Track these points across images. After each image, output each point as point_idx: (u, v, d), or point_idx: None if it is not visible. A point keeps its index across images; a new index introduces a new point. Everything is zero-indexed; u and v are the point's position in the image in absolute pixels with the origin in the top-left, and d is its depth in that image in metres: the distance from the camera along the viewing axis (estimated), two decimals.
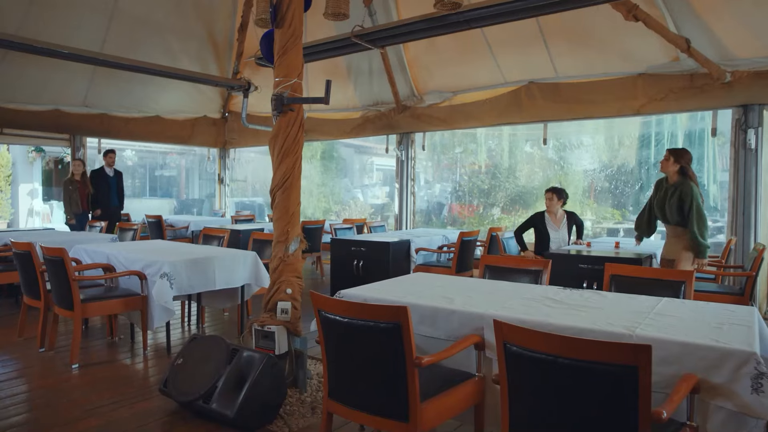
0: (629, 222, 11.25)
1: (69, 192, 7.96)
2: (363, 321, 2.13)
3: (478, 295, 2.81)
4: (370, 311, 2.11)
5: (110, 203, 8.26)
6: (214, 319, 5.43)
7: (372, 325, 2.12)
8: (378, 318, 2.10)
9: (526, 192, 10.88)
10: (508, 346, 1.82)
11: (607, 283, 3.29)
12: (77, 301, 3.92)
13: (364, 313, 2.12)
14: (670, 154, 4.51)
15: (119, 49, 7.27)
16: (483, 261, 3.69)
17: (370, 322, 2.12)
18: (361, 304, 2.16)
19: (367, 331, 2.14)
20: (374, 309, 2.10)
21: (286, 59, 3.48)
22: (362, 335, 2.17)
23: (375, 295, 2.82)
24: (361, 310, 2.13)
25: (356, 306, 2.15)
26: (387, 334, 2.09)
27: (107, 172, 8.34)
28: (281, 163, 3.50)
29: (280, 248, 3.53)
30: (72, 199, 7.87)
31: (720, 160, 10.41)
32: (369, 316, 2.11)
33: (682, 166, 4.46)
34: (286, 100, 3.44)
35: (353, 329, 2.18)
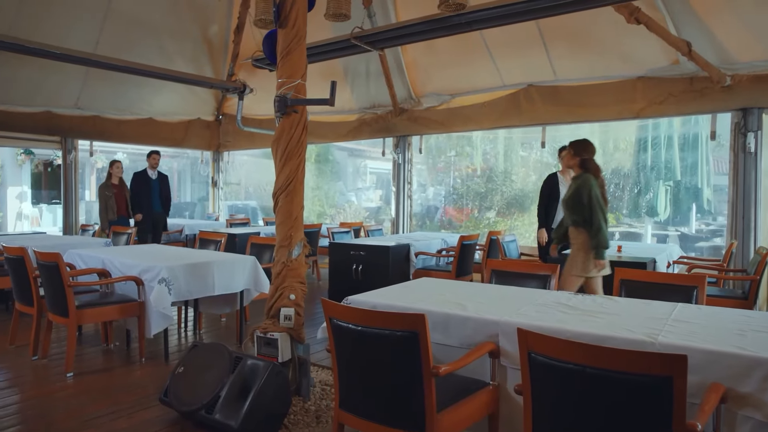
0: (624, 225, 11.29)
1: (105, 198, 7.33)
2: (378, 329, 2.06)
3: (489, 301, 2.75)
4: (386, 319, 2.04)
5: (152, 208, 7.67)
6: (211, 325, 5.32)
7: (388, 333, 2.04)
8: (394, 326, 2.02)
9: (523, 195, 10.86)
10: (533, 356, 1.76)
11: (617, 288, 3.24)
12: (72, 307, 3.81)
13: (380, 321, 2.05)
14: (570, 147, 4.16)
15: (113, 50, 7.14)
16: (489, 265, 3.63)
17: (386, 330, 2.04)
18: (377, 312, 2.08)
19: (383, 339, 2.06)
20: (390, 317, 2.03)
21: (289, 60, 3.41)
22: (377, 344, 2.10)
23: (383, 302, 2.75)
24: (376, 318, 2.06)
25: (371, 314, 2.08)
26: (403, 342, 2.02)
27: (150, 174, 7.79)
28: (284, 166, 3.42)
29: (283, 253, 3.44)
30: (108, 206, 7.27)
31: (714, 163, 10.47)
32: (385, 325, 2.04)
33: (583, 158, 4.08)
34: (290, 102, 3.36)
35: (367, 337, 2.10)
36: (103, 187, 7.45)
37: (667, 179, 9.39)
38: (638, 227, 10.96)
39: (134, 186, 7.69)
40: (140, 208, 7.54)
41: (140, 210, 7.54)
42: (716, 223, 11.06)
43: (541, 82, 6.74)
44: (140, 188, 7.66)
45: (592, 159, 4.11)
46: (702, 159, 9.90)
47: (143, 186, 7.67)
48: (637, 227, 10.96)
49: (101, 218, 7.27)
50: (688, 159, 9.80)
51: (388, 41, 5.73)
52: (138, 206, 7.57)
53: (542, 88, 6.75)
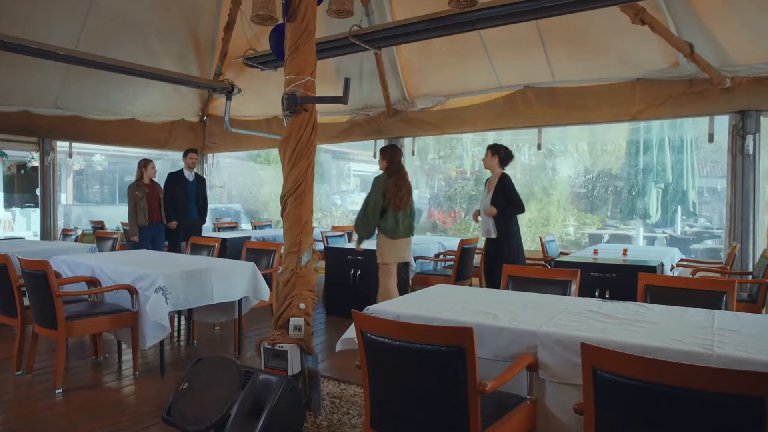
0: (611, 228, 11.33)
1: (136, 200, 6.46)
2: (419, 344, 1.90)
3: (519, 310, 2.61)
4: (429, 333, 1.88)
5: (188, 215, 6.79)
6: (204, 335, 5.08)
7: (430, 348, 1.89)
8: (438, 341, 1.87)
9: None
10: (599, 373, 1.62)
11: (642, 294, 3.14)
12: (61, 319, 3.56)
13: (422, 335, 1.89)
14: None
15: (95, 47, 6.82)
16: (506, 271, 3.50)
17: (428, 345, 1.89)
18: (418, 326, 1.92)
19: (424, 354, 1.91)
20: (434, 330, 1.88)
21: (298, 55, 3.24)
22: (416, 359, 1.94)
23: (407, 312, 2.59)
24: (417, 331, 1.90)
25: (411, 327, 1.92)
26: (448, 358, 1.87)
27: (186, 176, 6.89)
28: (293, 168, 3.24)
29: (292, 259, 3.26)
30: (138, 208, 6.42)
31: (699, 166, 10.59)
32: (427, 339, 1.88)
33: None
34: (300, 100, 3.19)
35: (405, 353, 1.94)
36: (133, 186, 6.58)
37: (658, 182, 9.43)
38: (624, 229, 11.02)
39: (169, 189, 6.76)
40: (176, 213, 6.70)
41: (175, 216, 6.71)
42: (697, 224, 11.21)
43: (538, 84, 6.66)
44: (176, 191, 6.75)
45: (399, 161, 4.98)
46: (687, 162, 10.00)
47: (179, 189, 6.76)
48: (623, 229, 11.02)
49: (130, 222, 6.47)
50: (675, 162, 9.88)
51: (388, 40, 5.58)
52: (173, 212, 6.73)
53: (539, 89, 6.68)
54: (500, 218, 4.87)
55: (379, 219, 4.85)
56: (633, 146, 9.85)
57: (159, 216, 6.61)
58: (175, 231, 6.62)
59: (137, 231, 6.38)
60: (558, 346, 2.21)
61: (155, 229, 6.55)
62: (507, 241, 4.89)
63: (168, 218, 6.67)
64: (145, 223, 6.45)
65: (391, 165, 4.96)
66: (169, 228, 6.66)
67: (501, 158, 4.90)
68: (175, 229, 6.66)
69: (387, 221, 4.85)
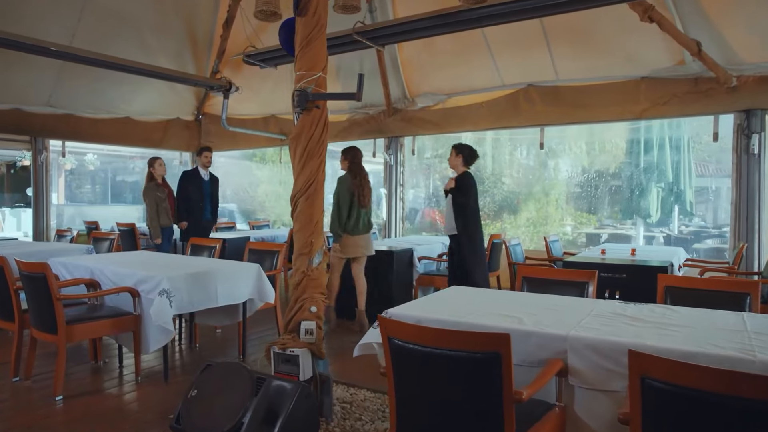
0: (611, 228, 11.31)
1: (158, 201, 6.15)
2: (452, 351, 1.81)
3: (542, 313, 2.53)
4: (464, 339, 1.79)
5: (203, 216, 6.45)
6: (206, 338, 4.96)
7: (464, 355, 1.80)
8: (473, 347, 1.78)
9: (513, 197, 10.77)
10: (648, 382, 1.54)
11: (661, 295, 3.07)
12: (62, 323, 3.43)
13: (455, 341, 1.80)
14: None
15: (90, 44, 6.66)
16: (521, 272, 3.43)
17: (462, 352, 1.80)
18: (451, 332, 1.83)
19: (456, 362, 1.82)
20: (468, 337, 1.79)
21: (309, 51, 3.13)
22: (448, 366, 1.85)
23: (427, 315, 2.50)
24: (450, 338, 1.81)
25: (444, 334, 1.83)
26: (483, 365, 1.78)
27: (202, 174, 6.56)
28: (304, 167, 3.14)
29: (303, 261, 3.16)
30: (161, 209, 6.14)
31: (696, 166, 10.61)
32: (461, 345, 1.79)
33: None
34: (311, 96, 3.09)
35: (437, 360, 1.86)
36: (152, 187, 6.28)
37: (659, 181, 9.42)
38: (621, 228, 11.01)
39: (183, 188, 6.43)
40: (190, 214, 6.37)
41: (190, 216, 6.38)
42: (693, 223, 11.22)
43: (541, 83, 6.61)
44: (191, 191, 6.41)
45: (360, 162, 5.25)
46: (684, 161, 10.01)
47: (195, 188, 6.43)
48: (620, 228, 11.01)
49: (152, 224, 6.18)
50: (673, 162, 9.88)
51: (393, 37, 5.48)
52: (187, 212, 6.39)
53: (542, 88, 6.62)
54: (458, 216, 4.95)
55: None
56: (632, 146, 9.83)
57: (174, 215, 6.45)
58: (190, 232, 6.27)
59: (160, 233, 6.12)
60: (589, 351, 2.13)
61: (172, 230, 6.34)
62: (464, 238, 4.96)
63: (179, 218, 6.41)
64: (168, 224, 6.22)
65: (353, 165, 5.24)
66: (180, 228, 6.41)
67: (465, 157, 4.99)
68: (190, 229, 6.33)
69: (351, 219, 5.15)
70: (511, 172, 11.36)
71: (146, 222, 6.41)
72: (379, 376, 3.90)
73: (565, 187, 10.81)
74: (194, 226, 6.33)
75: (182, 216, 6.39)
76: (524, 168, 11.10)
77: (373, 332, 2.57)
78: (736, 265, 5.15)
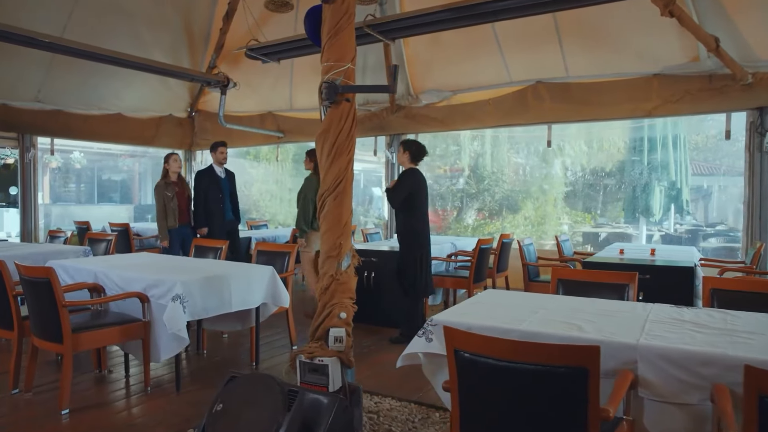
0: (609, 226, 11.29)
1: (165, 200, 5.78)
2: (531, 365, 1.65)
3: (598, 319, 2.38)
4: (546, 352, 1.63)
5: (224, 216, 5.99)
6: (212, 343, 4.74)
7: (545, 370, 1.64)
8: (556, 361, 1.62)
9: (513, 195, 10.66)
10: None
11: (707, 298, 2.95)
12: (67, 331, 3.20)
13: (536, 354, 1.64)
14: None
15: (82, 37, 6.37)
16: (555, 274, 3.28)
17: (543, 366, 1.64)
18: (534, 344, 1.67)
19: (537, 377, 1.65)
20: (554, 350, 1.63)
21: (338, 40, 2.95)
22: (525, 382, 1.68)
23: (480, 323, 2.34)
24: (531, 351, 1.65)
25: (524, 346, 1.66)
26: (567, 380, 1.62)
27: (217, 172, 6.10)
28: (333, 164, 2.95)
29: (331, 264, 2.97)
30: (168, 209, 5.76)
31: (692, 165, 10.63)
32: (543, 359, 1.63)
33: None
34: (341, 89, 2.90)
35: (512, 374, 1.69)
36: (161, 185, 5.87)
37: (662, 180, 9.39)
38: (617, 227, 10.99)
39: (201, 188, 5.95)
40: (211, 216, 5.92)
41: (212, 219, 5.92)
42: (685, 221, 11.26)
43: (550, 79, 6.48)
44: (209, 191, 5.94)
45: None
46: (681, 160, 10.01)
47: (213, 187, 5.95)
48: (616, 227, 10.99)
49: (159, 225, 5.82)
50: (667, 161, 9.88)
51: (404, 30, 5.30)
52: (208, 214, 5.94)
53: (552, 85, 6.49)
54: (400, 215, 4.95)
55: None
56: (632, 144, 9.79)
57: (188, 217, 6.03)
58: (215, 235, 5.83)
59: (167, 235, 5.77)
60: (662, 361, 1.99)
61: (185, 231, 5.92)
62: (408, 239, 4.90)
63: (197, 223, 5.98)
64: (174, 226, 5.83)
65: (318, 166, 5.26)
66: (200, 235, 5.93)
67: (412, 153, 4.93)
68: (214, 233, 5.87)
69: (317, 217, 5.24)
70: (510, 170, 11.27)
71: None
72: (399, 383, 3.75)
73: (563, 186, 10.76)
74: (219, 228, 5.91)
75: (201, 221, 5.96)
76: (521, 166, 11.01)
77: (417, 341, 2.40)
78: (754, 265, 5.07)
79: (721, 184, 11.75)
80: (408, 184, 4.81)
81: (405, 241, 4.92)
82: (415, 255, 4.86)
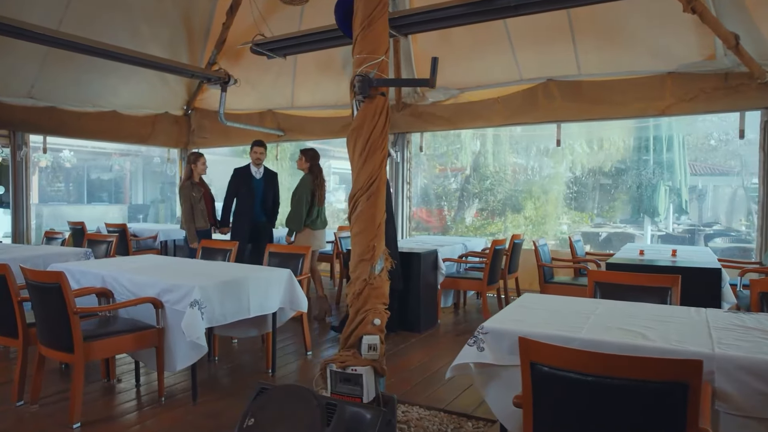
0: (609, 226, 11.25)
1: (193, 201, 5.59)
2: (624, 380, 1.51)
3: (659, 326, 2.25)
4: (641, 366, 1.49)
5: (254, 217, 5.75)
6: (222, 349, 4.54)
7: (638, 385, 1.50)
8: (652, 375, 1.48)
9: (515, 195, 10.57)
10: None
11: (756, 302, 2.84)
12: (79, 340, 3.00)
13: (630, 369, 1.50)
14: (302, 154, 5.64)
15: (78, 31, 6.13)
16: (592, 277, 3.16)
17: (635, 381, 1.50)
18: (626, 357, 1.53)
19: (628, 393, 1.52)
20: (649, 363, 1.49)
21: (371, 32, 2.78)
22: (613, 399, 1.54)
23: (535, 331, 2.19)
24: (625, 364, 1.50)
25: (618, 360, 1.52)
26: (662, 397, 1.48)
27: (253, 172, 5.86)
28: (366, 162, 2.80)
29: (364, 268, 2.81)
30: (196, 211, 5.59)
31: (691, 165, 10.63)
32: (637, 374, 1.49)
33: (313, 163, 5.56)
34: (375, 82, 2.74)
35: (598, 390, 1.55)
36: (188, 186, 5.67)
37: (667, 180, 9.34)
38: (614, 227, 10.95)
39: (233, 186, 5.79)
40: (237, 215, 5.73)
41: (238, 218, 5.72)
42: (684, 222, 11.27)
43: (561, 77, 6.38)
44: (240, 189, 5.75)
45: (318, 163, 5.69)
46: (679, 160, 9.99)
47: (244, 187, 5.76)
48: (618, 227, 10.95)
49: (188, 227, 5.59)
50: (665, 161, 9.85)
51: (421, 25, 5.14)
52: (235, 213, 5.76)
53: (562, 83, 6.40)
54: None
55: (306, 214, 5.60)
56: (635, 143, 9.74)
57: (213, 218, 5.83)
58: (239, 234, 5.61)
59: (196, 237, 5.51)
60: (742, 373, 1.86)
61: (207, 234, 5.72)
62: None
63: (221, 222, 5.81)
64: (206, 227, 5.62)
65: (313, 166, 5.65)
66: (221, 234, 5.77)
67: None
68: (239, 231, 5.65)
69: (311, 215, 5.62)
70: (512, 169, 11.17)
71: (180, 224, 5.84)
72: (417, 389, 3.60)
73: (564, 186, 10.68)
74: (244, 229, 5.67)
75: (224, 220, 5.78)
76: (523, 166, 10.92)
77: (468, 351, 2.25)
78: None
79: (715, 184, 11.82)
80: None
81: None
82: None
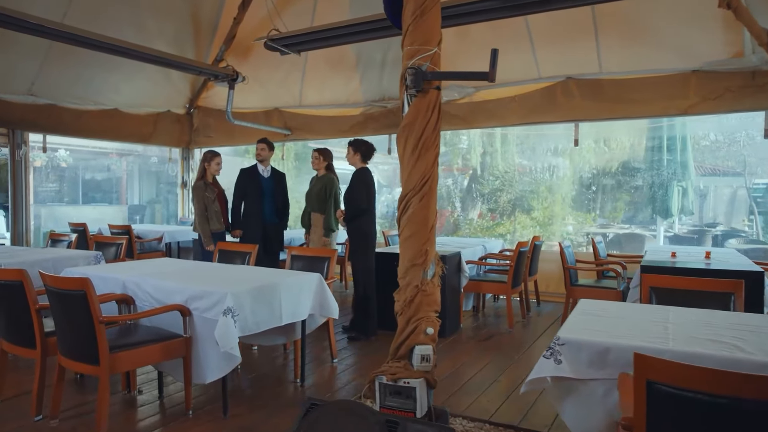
0: (615, 227, 11.15)
1: (207, 202, 5.37)
2: (761, 402, 1.35)
3: (744, 335, 2.10)
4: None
5: (263, 218, 5.51)
6: (242, 358, 4.33)
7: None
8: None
9: (524, 195, 10.44)
10: None
11: None
12: (104, 351, 2.80)
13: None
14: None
15: (83, 25, 5.89)
16: (647, 282, 3.01)
17: None
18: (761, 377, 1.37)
19: (755, 416, 1.36)
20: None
21: (423, 22, 2.63)
22: (748, 423, 1.39)
23: (613, 341, 2.04)
24: (764, 386, 1.35)
25: (759, 380, 1.36)
26: None
27: (260, 171, 5.65)
28: (418, 161, 2.63)
29: (416, 273, 2.65)
30: (211, 212, 5.36)
31: (696, 165, 10.56)
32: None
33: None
34: (429, 75, 2.58)
35: (732, 414, 1.39)
36: (201, 187, 5.42)
37: (680, 180, 9.25)
38: (618, 228, 10.87)
39: (240, 187, 5.56)
40: (247, 217, 5.50)
41: (247, 219, 5.50)
42: (690, 220, 11.22)
43: (581, 75, 6.24)
44: (247, 190, 5.53)
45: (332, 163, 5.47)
46: (688, 160, 9.92)
47: (252, 187, 5.53)
48: (624, 228, 10.86)
49: (202, 229, 5.35)
50: (677, 161, 9.78)
51: (448, 20, 4.95)
52: (244, 215, 5.53)
53: (582, 81, 6.26)
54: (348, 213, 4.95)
55: None
56: (647, 143, 9.65)
57: (227, 220, 5.62)
58: (248, 237, 5.42)
59: (212, 239, 5.28)
60: None
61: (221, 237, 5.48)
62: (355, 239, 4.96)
63: (232, 224, 5.60)
64: (221, 228, 5.40)
65: (330, 166, 5.48)
66: (234, 237, 5.58)
67: (363, 154, 4.99)
68: (250, 234, 5.45)
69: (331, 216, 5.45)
70: (520, 170, 11.04)
71: (194, 226, 5.61)
72: (453, 399, 3.43)
73: (571, 186, 10.57)
74: (256, 230, 5.46)
75: (235, 222, 5.57)
76: (531, 166, 10.80)
77: (545, 364, 2.09)
78: None
79: (717, 185, 11.79)
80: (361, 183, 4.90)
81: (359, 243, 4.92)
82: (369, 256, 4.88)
